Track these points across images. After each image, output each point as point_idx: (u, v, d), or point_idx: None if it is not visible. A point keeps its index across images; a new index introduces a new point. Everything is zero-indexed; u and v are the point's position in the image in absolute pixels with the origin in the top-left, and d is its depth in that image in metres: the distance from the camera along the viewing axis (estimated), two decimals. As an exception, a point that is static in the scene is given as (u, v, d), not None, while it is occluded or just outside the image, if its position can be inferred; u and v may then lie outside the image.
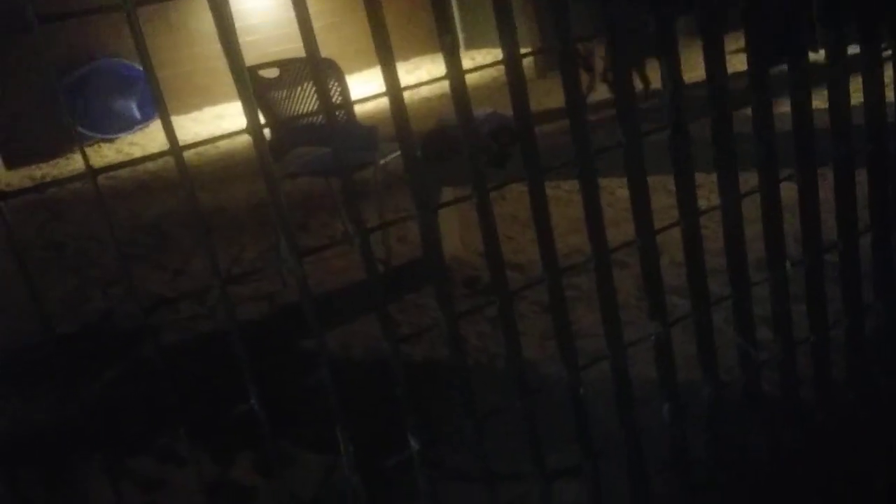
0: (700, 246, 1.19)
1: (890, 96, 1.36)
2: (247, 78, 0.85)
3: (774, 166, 1.23)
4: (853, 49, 1.25)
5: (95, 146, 7.26)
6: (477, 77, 4.73)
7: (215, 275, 0.89)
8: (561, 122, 1.14)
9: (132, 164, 0.86)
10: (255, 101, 0.90)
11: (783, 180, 1.25)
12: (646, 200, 1.13)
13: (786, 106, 1.25)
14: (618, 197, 3.39)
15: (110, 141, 7.37)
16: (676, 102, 1.12)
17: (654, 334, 1.18)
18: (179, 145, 0.84)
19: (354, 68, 7.94)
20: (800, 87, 1.23)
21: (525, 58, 1.02)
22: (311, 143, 3.32)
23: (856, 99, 1.30)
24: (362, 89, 7.26)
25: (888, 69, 1.33)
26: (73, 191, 5.66)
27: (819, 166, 1.28)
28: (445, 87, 0.98)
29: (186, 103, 7.87)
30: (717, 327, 1.23)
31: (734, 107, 1.18)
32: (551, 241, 1.07)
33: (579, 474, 1.17)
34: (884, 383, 1.45)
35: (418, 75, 8.27)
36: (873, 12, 1.26)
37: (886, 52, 1.31)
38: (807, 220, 1.30)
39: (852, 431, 1.45)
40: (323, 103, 0.93)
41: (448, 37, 0.95)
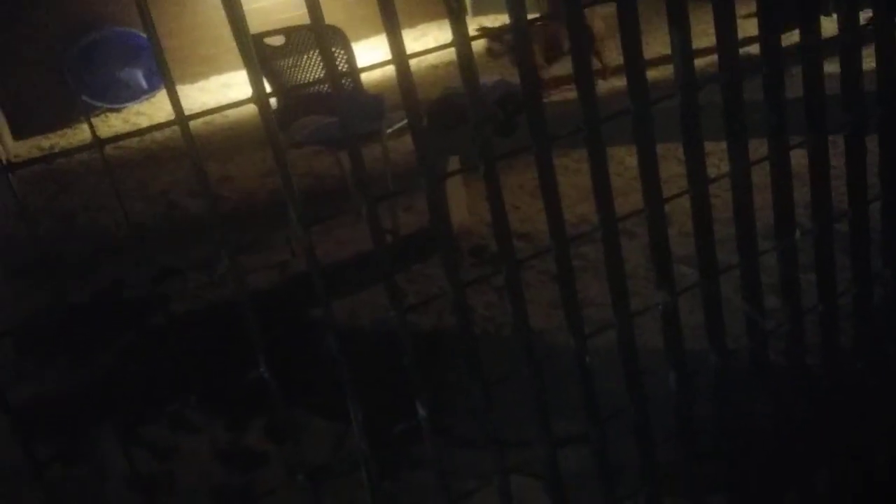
0: (709, 213, 1.19)
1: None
2: (252, 47, 0.85)
3: (784, 133, 1.22)
4: (866, 14, 1.23)
5: (102, 116, 7.25)
6: (482, 45, 4.68)
7: (224, 244, 0.89)
8: (568, 90, 1.13)
9: (139, 134, 0.86)
10: (260, 69, 0.89)
11: (793, 147, 1.23)
12: (654, 167, 1.12)
13: (797, 72, 1.24)
14: (626, 166, 3.37)
15: (117, 110, 7.35)
16: (687, 68, 1.11)
17: (662, 303, 1.18)
18: (185, 115, 0.83)
19: (361, 35, 7.87)
20: (812, 52, 1.21)
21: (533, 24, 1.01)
22: (317, 113, 3.31)
23: (867, 65, 1.28)
24: (368, 57, 7.19)
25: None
26: (81, 162, 5.66)
27: (830, 134, 1.26)
28: (452, 54, 0.97)
29: (193, 72, 7.83)
30: (725, 297, 1.23)
31: (745, 73, 1.16)
32: (559, 209, 1.07)
33: (586, 442, 1.18)
34: (892, 352, 1.45)
35: (425, 42, 8.19)
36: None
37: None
38: (817, 188, 1.29)
39: (860, 400, 1.45)
40: (329, 71, 0.93)
41: (454, 2, 0.94)
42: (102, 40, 7.40)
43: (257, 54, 0.93)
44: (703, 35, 2.61)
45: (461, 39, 0.95)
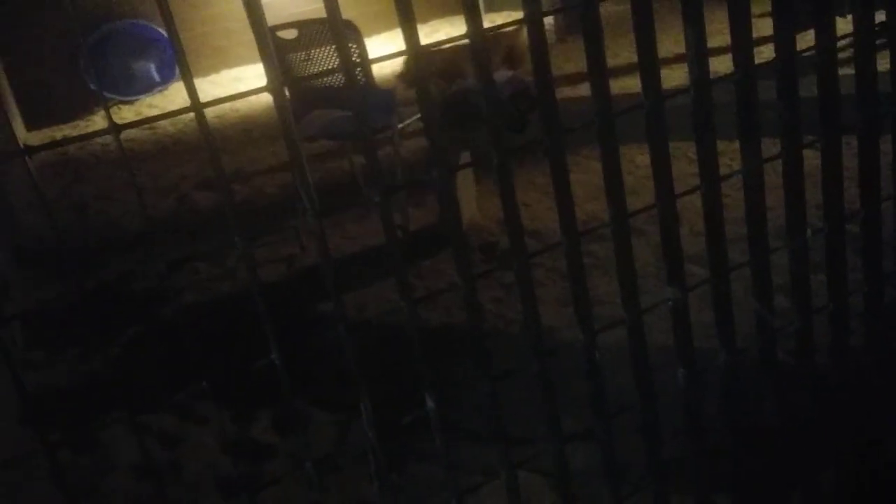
0: (720, 211, 1.19)
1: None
2: (268, 35, 0.85)
3: (798, 132, 1.21)
4: (880, 16, 1.22)
5: (114, 108, 7.28)
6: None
7: (236, 235, 0.90)
8: (581, 86, 1.13)
9: (155, 121, 0.86)
10: (275, 59, 0.90)
11: (806, 146, 1.23)
12: (667, 162, 1.12)
13: (811, 72, 1.23)
14: (638, 165, 3.37)
15: (129, 103, 7.38)
16: (701, 65, 1.11)
17: (672, 300, 1.18)
18: (201, 102, 0.84)
19: (372, 31, 7.87)
20: (827, 52, 1.21)
21: (546, 17, 1.01)
22: (329, 106, 3.31)
23: (882, 66, 1.28)
24: (379, 52, 7.19)
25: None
26: (93, 153, 5.69)
27: (843, 134, 1.26)
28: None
29: (204, 66, 7.85)
30: (735, 296, 1.23)
31: (758, 72, 1.16)
32: (570, 204, 1.07)
33: (593, 438, 1.18)
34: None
35: (436, 38, 8.19)
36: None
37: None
38: (829, 187, 1.28)
39: (867, 400, 1.45)
40: (344, 64, 0.93)
41: (469, -4, 0.94)
42: (115, 33, 7.43)
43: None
44: (718, 34, 2.60)
45: (475, 33, 0.95)
